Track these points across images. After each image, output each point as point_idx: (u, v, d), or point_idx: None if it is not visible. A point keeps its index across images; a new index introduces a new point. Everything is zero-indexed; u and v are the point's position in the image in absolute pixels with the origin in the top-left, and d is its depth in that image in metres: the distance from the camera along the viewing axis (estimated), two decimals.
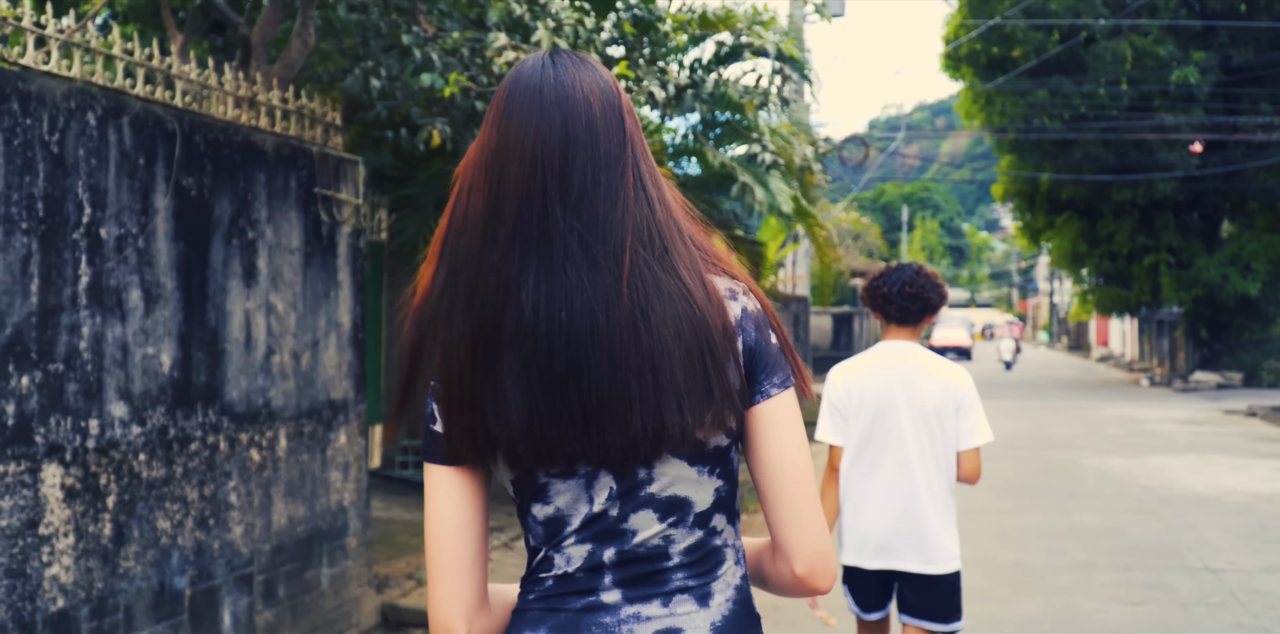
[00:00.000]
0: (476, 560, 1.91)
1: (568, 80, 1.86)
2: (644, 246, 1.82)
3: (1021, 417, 24.82)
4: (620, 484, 1.86)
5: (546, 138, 1.82)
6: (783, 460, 1.88)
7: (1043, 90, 32.89)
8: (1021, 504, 13.26)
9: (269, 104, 6.39)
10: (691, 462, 1.86)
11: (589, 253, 1.79)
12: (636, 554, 1.87)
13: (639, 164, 1.87)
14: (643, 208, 1.84)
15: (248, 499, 6.12)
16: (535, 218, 1.80)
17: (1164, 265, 34.77)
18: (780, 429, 1.89)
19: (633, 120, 1.91)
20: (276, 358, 6.35)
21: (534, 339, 1.79)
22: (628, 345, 1.78)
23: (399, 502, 10.37)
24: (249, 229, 6.10)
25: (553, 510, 1.89)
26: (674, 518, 1.87)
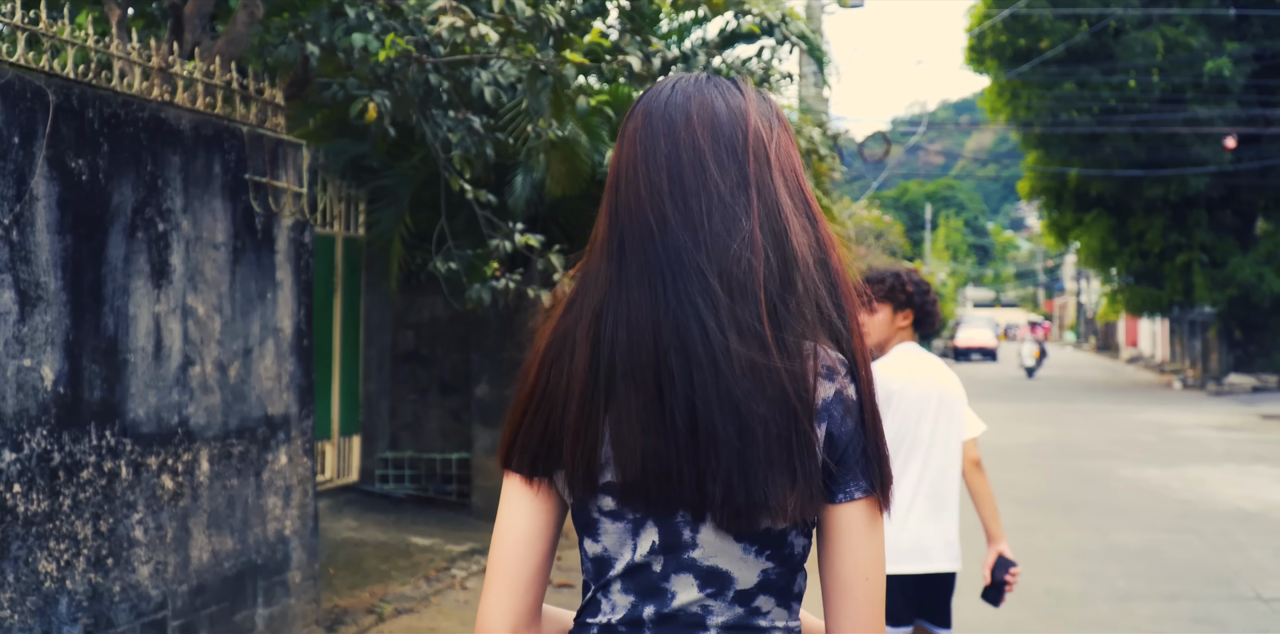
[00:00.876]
0: (534, 576, 1.83)
1: (689, 102, 1.79)
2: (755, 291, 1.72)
3: (1047, 421, 23.88)
4: (663, 539, 1.77)
5: (665, 163, 1.76)
6: (856, 575, 1.75)
7: (1070, 82, 31.92)
8: (1052, 521, 12.35)
9: (188, 77, 5.53)
10: (738, 537, 1.75)
11: (709, 285, 1.71)
12: (675, 618, 1.78)
13: (773, 189, 1.78)
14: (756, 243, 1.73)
15: (158, 533, 5.27)
16: (655, 243, 1.74)
17: (1197, 264, 33.77)
18: (859, 539, 1.75)
19: (764, 145, 1.79)
20: (196, 369, 5.50)
21: (658, 368, 1.71)
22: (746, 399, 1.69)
23: (374, 521, 9.54)
24: (159, 220, 5.25)
25: (600, 549, 1.82)
26: (712, 589, 1.77)
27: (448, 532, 9.53)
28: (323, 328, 9.95)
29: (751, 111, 1.82)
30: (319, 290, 9.85)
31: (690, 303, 1.71)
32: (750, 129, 1.80)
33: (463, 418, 10.43)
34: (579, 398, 1.78)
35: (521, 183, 9.35)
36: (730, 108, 1.80)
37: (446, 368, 10.57)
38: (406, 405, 10.63)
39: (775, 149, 1.81)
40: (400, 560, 8.51)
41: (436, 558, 8.66)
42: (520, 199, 9.31)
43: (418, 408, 10.62)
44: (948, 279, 78.34)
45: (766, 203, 1.76)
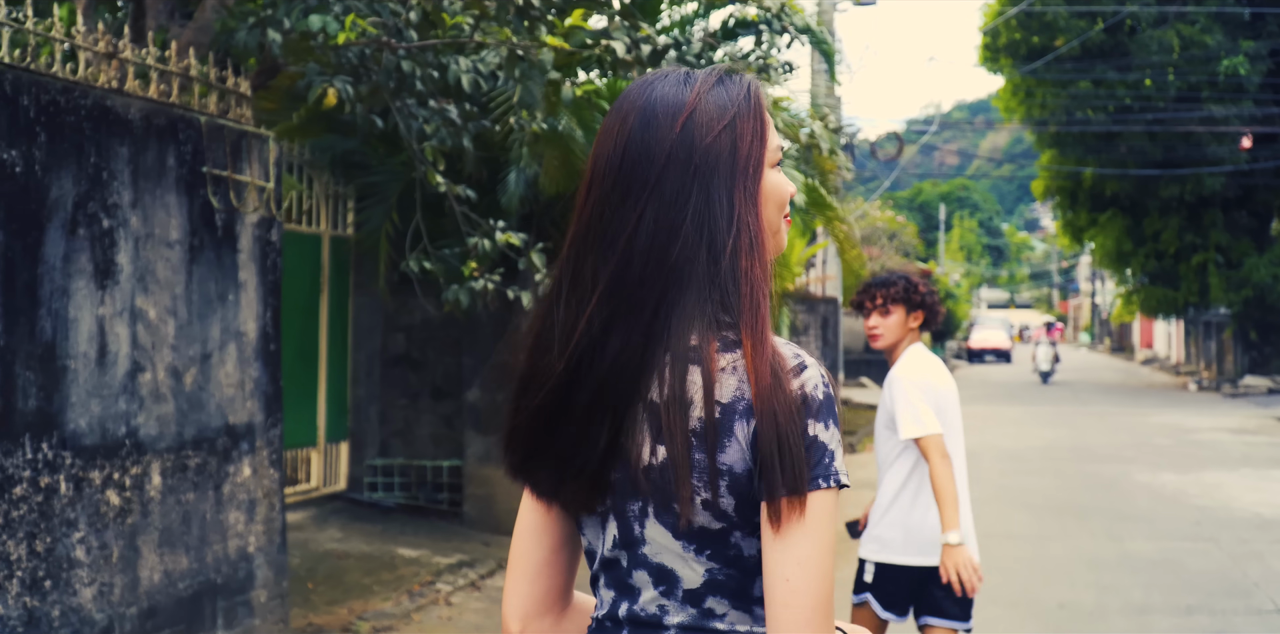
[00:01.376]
0: (544, 566, 1.91)
1: (638, 100, 1.77)
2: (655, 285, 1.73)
3: (1062, 424, 23.46)
4: (621, 534, 1.80)
5: (606, 165, 1.76)
6: (774, 575, 1.67)
7: (1085, 81, 31.49)
8: (1065, 528, 11.95)
9: (140, 63, 5.17)
10: (675, 535, 1.75)
11: (607, 295, 1.73)
12: (639, 617, 1.80)
13: (681, 195, 1.73)
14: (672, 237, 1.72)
15: (102, 553, 4.91)
16: (574, 253, 1.79)
17: (1213, 265, 33.30)
18: (785, 538, 1.66)
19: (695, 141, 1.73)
20: (146, 376, 5.14)
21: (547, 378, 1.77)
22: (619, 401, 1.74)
23: (361, 531, 9.18)
24: (104, 216, 4.89)
25: (586, 542, 1.89)
26: (663, 588, 1.78)
27: (437, 542, 9.17)
28: (309, 330, 9.60)
29: (691, 104, 1.76)
30: (305, 292, 9.50)
31: (588, 308, 1.74)
32: (680, 125, 1.75)
33: (455, 424, 10.07)
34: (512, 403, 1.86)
35: (515, 180, 8.99)
36: (670, 99, 1.76)
37: (439, 372, 10.21)
38: (397, 411, 10.27)
39: (709, 146, 1.75)
40: (384, 574, 8.15)
41: (422, 571, 8.30)
42: (513, 197, 8.95)
43: (408, 413, 10.26)
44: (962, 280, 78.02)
45: (666, 205, 1.73)
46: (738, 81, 1.82)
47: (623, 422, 1.73)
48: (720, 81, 1.80)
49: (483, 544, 9.35)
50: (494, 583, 8.44)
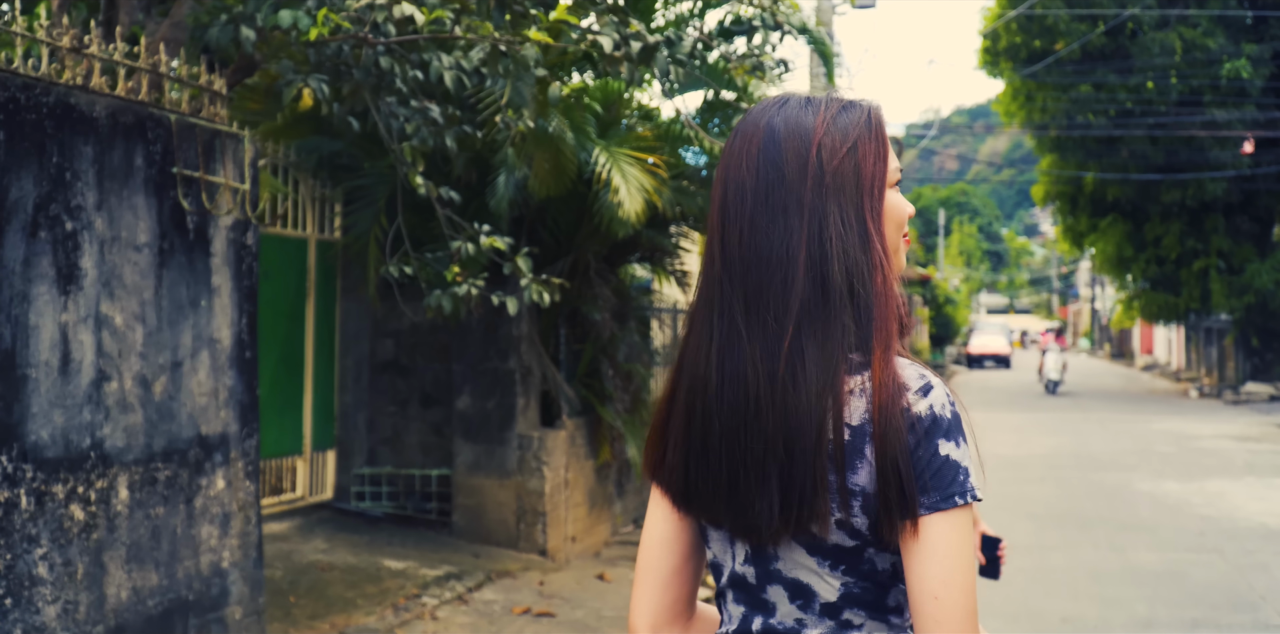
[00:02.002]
0: (671, 576, 1.96)
1: (762, 123, 1.84)
2: (811, 314, 1.77)
3: (1063, 431, 23.24)
4: (753, 550, 1.86)
5: (741, 191, 1.81)
6: (922, 592, 1.71)
7: (1086, 84, 31.27)
8: (1068, 538, 11.74)
9: (107, 59, 4.96)
10: (810, 552, 1.81)
11: (738, 317, 1.79)
12: (776, 630, 1.85)
13: (817, 216, 1.78)
14: (797, 269, 1.77)
15: (66, 569, 4.69)
16: (724, 276, 1.82)
17: (1214, 270, 33.08)
18: (925, 555, 1.71)
19: (823, 164, 1.80)
20: (113, 385, 4.93)
21: (708, 401, 1.81)
22: (751, 426, 1.77)
23: (347, 542, 8.95)
24: (67, 218, 4.68)
25: (712, 556, 1.94)
26: (800, 602, 1.84)
27: (424, 554, 8.95)
28: (294, 336, 9.39)
29: (816, 127, 1.83)
30: (290, 297, 9.30)
31: (745, 336, 1.79)
32: (802, 146, 1.81)
33: (444, 432, 9.86)
34: (659, 423, 1.93)
35: (504, 182, 8.78)
36: (792, 124, 1.83)
37: (428, 378, 9.99)
38: (385, 418, 10.06)
39: (837, 168, 1.81)
40: (368, 587, 7.93)
41: (408, 584, 8.08)
42: (503, 200, 8.74)
43: (397, 421, 10.04)
44: (961, 285, 77.89)
45: (809, 227, 1.78)
46: (859, 107, 1.88)
47: (739, 458, 1.80)
48: (844, 107, 1.86)
49: (472, 555, 9.13)
50: (482, 596, 8.22)
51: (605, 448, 10.44)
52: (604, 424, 10.38)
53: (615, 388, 10.37)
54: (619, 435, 10.45)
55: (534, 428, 9.63)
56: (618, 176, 8.56)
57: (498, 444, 9.51)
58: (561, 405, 9.88)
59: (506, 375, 9.49)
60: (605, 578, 9.22)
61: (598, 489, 10.53)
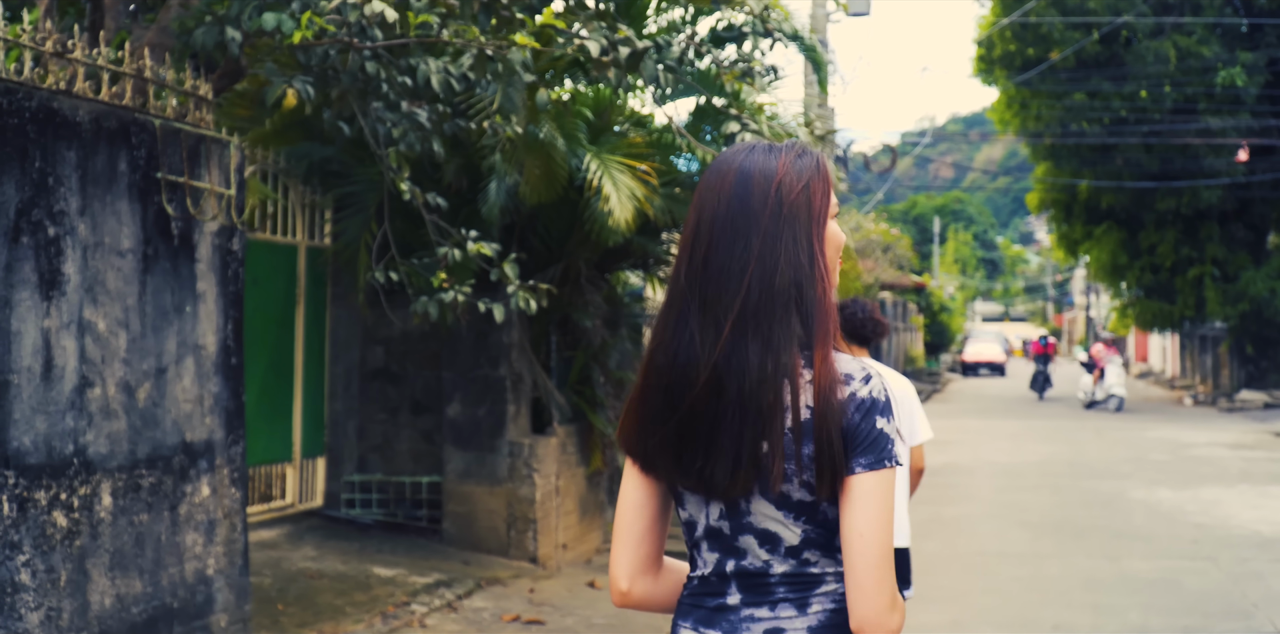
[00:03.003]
0: (646, 535, 2.42)
1: (735, 166, 2.31)
2: (759, 315, 2.25)
3: (1058, 439, 23.22)
4: (727, 507, 2.32)
5: (713, 219, 2.28)
6: (851, 531, 2.23)
7: (1081, 92, 31.26)
8: (1062, 546, 11.71)
9: (91, 64, 4.93)
10: (777, 506, 2.29)
11: (723, 316, 2.25)
12: (748, 570, 2.33)
13: (783, 240, 2.26)
14: (772, 277, 2.25)
15: (49, 576, 4.66)
16: (685, 284, 2.30)
17: (1209, 278, 33.04)
18: (857, 503, 2.23)
19: (784, 200, 2.28)
20: (96, 391, 4.90)
21: (674, 383, 2.28)
22: (735, 402, 2.25)
23: (336, 549, 8.91)
24: (49, 223, 4.65)
25: (686, 515, 2.39)
26: (769, 546, 2.31)
27: (415, 561, 8.91)
28: (284, 343, 9.35)
29: (780, 171, 2.31)
30: (280, 303, 9.26)
31: (709, 332, 2.26)
32: (768, 185, 2.29)
33: (435, 439, 9.82)
34: (636, 404, 2.35)
35: (495, 189, 8.76)
36: (760, 167, 2.31)
37: (418, 386, 9.96)
38: (375, 426, 10.01)
39: (792, 201, 2.29)
40: (358, 594, 7.89)
41: (398, 591, 8.04)
42: (494, 207, 8.71)
43: (387, 428, 10.00)
44: (956, 293, 77.78)
45: (763, 248, 2.25)
46: (811, 154, 2.36)
47: (704, 430, 2.27)
48: (800, 154, 2.35)
49: (462, 563, 9.09)
50: (471, 603, 8.18)
51: (597, 455, 10.41)
52: (595, 432, 10.35)
53: (607, 395, 10.34)
54: (610, 443, 10.42)
55: (525, 435, 9.60)
56: (608, 183, 8.54)
57: (488, 452, 9.48)
58: (553, 413, 9.85)
59: (497, 383, 9.46)
60: (596, 585, 9.18)
61: (589, 497, 10.50)
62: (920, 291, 54.05)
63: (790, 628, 2.30)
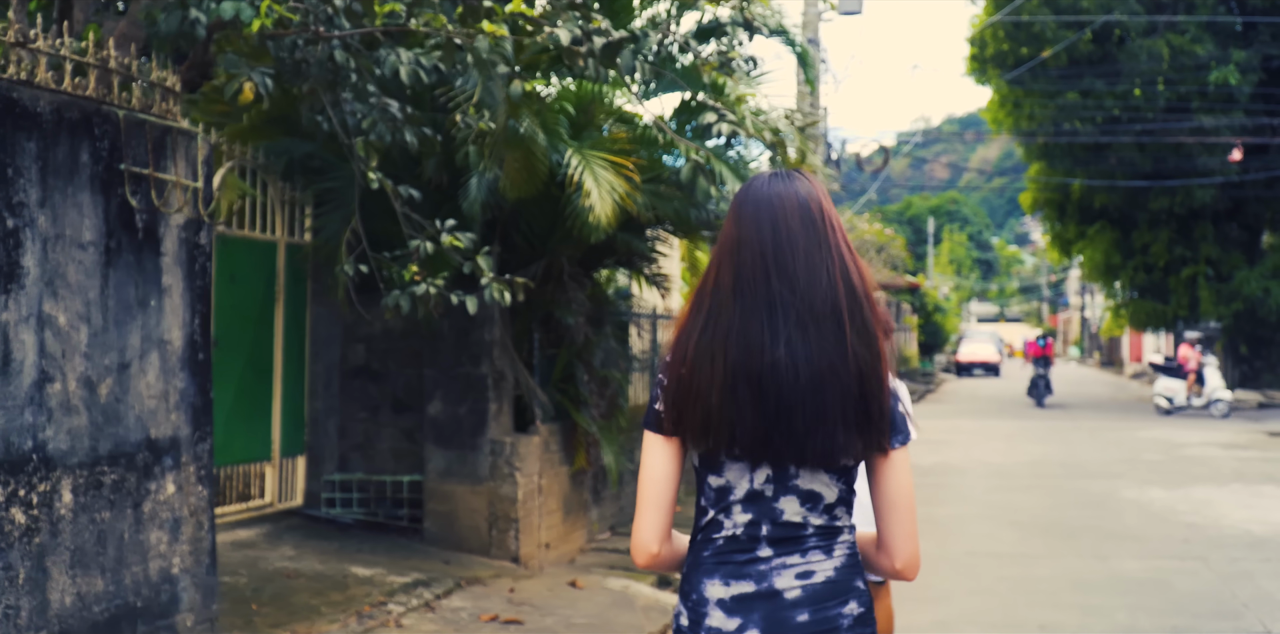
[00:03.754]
0: (670, 502, 2.78)
1: (779, 192, 2.77)
2: (839, 316, 2.70)
3: (1051, 439, 23.13)
4: (775, 473, 2.73)
5: (763, 234, 2.73)
6: (894, 492, 2.78)
7: (1073, 91, 31.18)
8: (1051, 547, 11.61)
9: (53, 54, 4.83)
10: (828, 471, 2.74)
11: (800, 317, 2.67)
12: (784, 525, 2.74)
13: (834, 252, 2.74)
14: (838, 285, 2.71)
15: (7, 574, 4.56)
16: (763, 291, 2.70)
17: (1203, 278, 32.96)
18: (898, 471, 2.78)
19: (828, 216, 2.77)
20: (56, 386, 4.80)
21: (768, 376, 2.66)
22: (819, 389, 2.67)
23: (315, 549, 8.81)
24: (8, 215, 4.55)
25: (724, 482, 2.76)
26: (810, 505, 2.75)
27: (394, 561, 8.81)
28: (263, 341, 9.25)
29: (818, 195, 2.77)
30: (259, 300, 9.16)
31: (785, 329, 2.65)
32: (818, 208, 2.74)
33: (416, 438, 9.71)
34: (718, 390, 2.67)
35: (476, 184, 8.66)
36: (804, 193, 2.74)
37: (400, 384, 9.86)
38: (356, 424, 9.91)
39: (831, 219, 2.74)
40: (334, 594, 7.78)
41: (375, 591, 7.93)
42: (475, 202, 8.61)
43: (368, 427, 9.90)
44: (951, 294, 77.70)
45: (836, 258, 2.70)
46: (811, 178, 2.82)
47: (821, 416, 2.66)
48: (808, 178, 2.81)
49: (442, 562, 8.99)
50: (450, 603, 8.08)
51: (581, 454, 10.31)
52: (579, 430, 10.25)
53: (591, 393, 10.24)
54: (594, 441, 10.32)
55: (507, 433, 9.50)
56: (589, 179, 8.44)
57: (470, 450, 9.38)
58: (535, 411, 9.75)
59: (479, 381, 9.36)
60: (578, 585, 9.08)
61: (573, 496, 10.40)
62: (914, 292, 53.93)
63: (819, 569, 2.72)
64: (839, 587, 2.74)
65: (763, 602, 2.70)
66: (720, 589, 2.72)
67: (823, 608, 2.72)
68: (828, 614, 2.72)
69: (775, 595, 2.71)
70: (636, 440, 12.33)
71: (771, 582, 2.71)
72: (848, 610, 2.74)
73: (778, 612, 2.70)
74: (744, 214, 2.75)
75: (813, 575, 2.72)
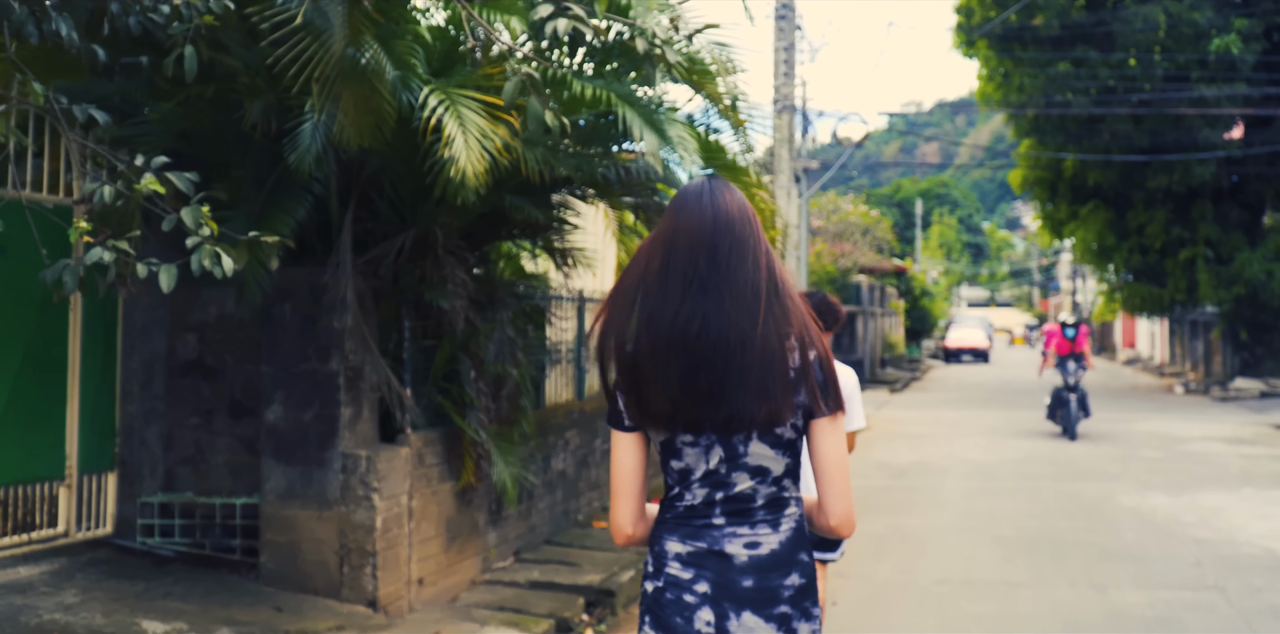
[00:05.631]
0: (640, 489, 3.16)
1: (715, 191, 3.14)
2: (757, 297, 3.04)
3: (1039, 432, 21.37)
4: (726, 453, 3.05)
5: (701, 227, 3.07)
6: (827, 456, 3.09)
7: (1065, 61, 29.29)
8: (1038, 571, 9.79)
9: None
10: (772, 446, 3.06)
11: (719, 294, 3.01)
12: (735, 497, 3.07)
13: (759, 246, 3.10)
14: (760, 272, 3.06)
15: None
16: (693, 273, 3.03)
17: (1201, 260, 31.15)
18: (829, 435, 3.09)
19: (754, 222, 3.13)
20: None
21: (688, 347, 2.98)
22: (739, 358, 2.98)
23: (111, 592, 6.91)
24: None
25: (683, 465, 3.09)
26: (759, 479, 3.07)
27: (209, 608, 6.95)
28: (52, 331, 7.40)
29: (743, 201, 3.17)
30: None
31: (704, 303, 3.02)
32: (750, 212, 3.16)
33: (259, 449, 7.85)
34: (647, 361, 3.03)
35: (310, 133, 6.81)
36: (740, 199, 3.16)
37: (239, 383, 8.01)
38: (186, 433, 8.06)
39: (757, 225, 3.14)
40: None
41: None
42: (306, 154, 6.75)
43: (201, 436, 8.05)
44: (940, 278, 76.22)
45: (761, 253, 3.10)
46: (733, 187, 3.22)
47: (733, 379, 2.99)
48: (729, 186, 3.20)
49: (273, 609, 7.13)
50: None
51: (469, 467, 8.45)
52: (465, 439, 8.37)
53: (480, 394, 8.37)
54: (485, 453, 8.45)
55: (364, 445, 7.65)
56: (452, 123, 6.56)
57: (316, 466, 7.53)
58: (404, 416, 7.90)
59: (328, 379, 7.50)
60: None
61: (459, 518, 8.54)
62: (901, 276, 52.23)
63: (765, 541, 3.07)
64: (782, 558, 3.08)
65: (713, 559, 3.07)
66: (678, 546, 3.10)
67: (766, 577, 3.06)
68: (770, 584, 3.06)
69: (725, 558, 3.06)
70: (554, 446, 10.47)
71: (722, 545, 3.07)
72: (789, 581, 3.08)
73: (726, 572, 3.06)
74: (683, 208, 3.13)
75: (759, 546, 3.07)
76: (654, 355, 2.99)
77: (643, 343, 3.01)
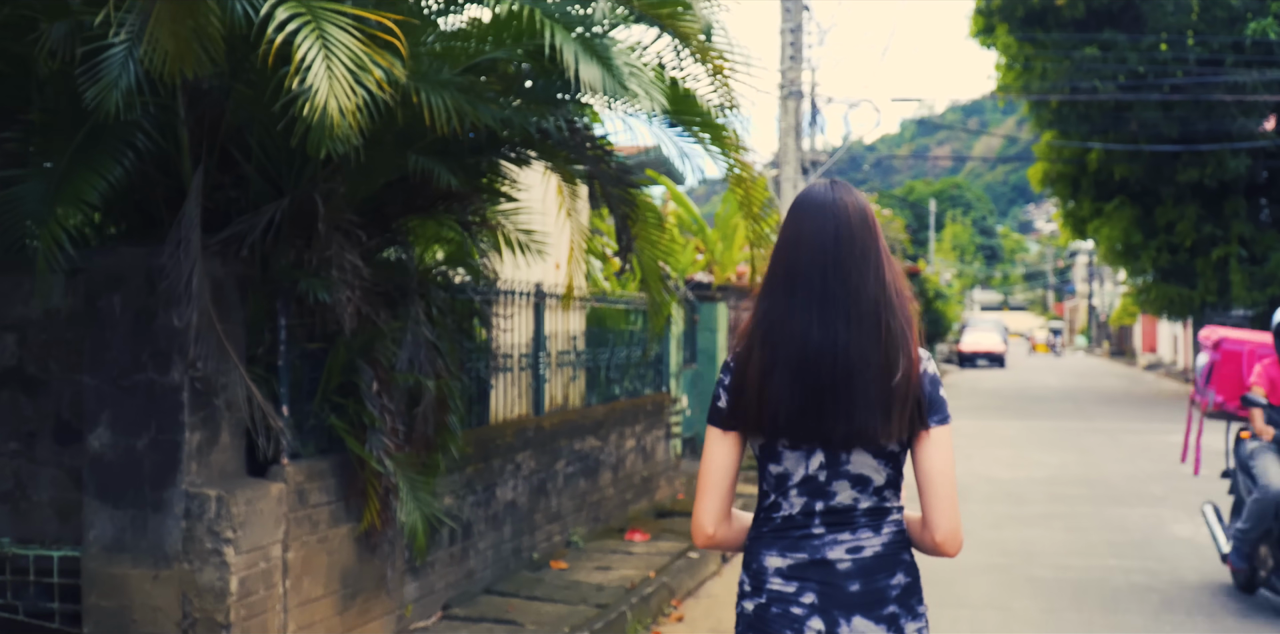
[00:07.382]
0: (729, 489, 3.09)
1: (838, 199, 3.05)
2: (878, 313, 2.97)
3: (1065, 444, 19.56)
4: (827, 459, 2.99)
5: (824, 238, 3.00)
6: (934, 469, 2.98)
7: (1092, 46, 27.46)
8: (1091, 628, 7.93)
9: None
10: (875, 457, 2.99)
11: (847, 312, 2.96)
12: (836, 507, 3.00)
13: (880, 257, 3.01)
14: (882, 286, 2.99)
15: None
16: (818, 286, 2.98)
17: (1234, 260, 29.31)
18: (938, 449, 2.99)
19: (875, 228, 3.04)
20: None
21: (808, 365, 2.94)
22: (860, 377, 2.93)
23: None
24: None
25: (782, 469, 3.04)
26: (859, 488, 3.00)
27: None
28: None
29: (868, 205, 3.09)
30: None
31: (834, 323, 2.97)
32: (871, 217, 3.06)
33: None
34: (763, 376, 2.98)
35: (121, 62, 5.00)
36: (861, 202, 3.07)
37: (67, 398, 6.18)
38: (2, 461, 6.24)
39: (877, 228, 3.05)
40: None
41: None
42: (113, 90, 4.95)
43: (20, 465, 6.22)
44: (953, 280, 74.68)
45: (881, 263, 3.01)
46: (855, 190, 3.14)
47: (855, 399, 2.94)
48: (851, 189, 3.12)
49: None
50: None
51: (372, 505, 6.59)
52: (367, 469, 6.53)
53: (383, 412, 6.52)
54: (393, 486, 6.60)
55: (215, 481, 5.80)
56: (309, 42, 4.74)
57: (151, 509, 5.69)
58: (271, 443, 6.06)
59: (168, 394, 5.66)
60: None
61: (361, 570, 6.71)
62: (914, 277, 50.59)
63: (868, 545, 3.00)
64: (886, 560, 3.01)
65: (816, 569, 2.99)
66: (778, 560, 3.03)
67: (872, 579, 2.99)
68: (877, 585, 2.99)
69: (828, 565, 2.99)
70: (500, 472, 8.63)
71: (824, 554, 2.99)
72: (895, 581, 3.01)
73: (831, 579, 2.98)
74: (805, 215, 3.06)
75: (862, 550, 3.00)
76: (773, 371, 2.98)
77: (763, 357, 3.00)
